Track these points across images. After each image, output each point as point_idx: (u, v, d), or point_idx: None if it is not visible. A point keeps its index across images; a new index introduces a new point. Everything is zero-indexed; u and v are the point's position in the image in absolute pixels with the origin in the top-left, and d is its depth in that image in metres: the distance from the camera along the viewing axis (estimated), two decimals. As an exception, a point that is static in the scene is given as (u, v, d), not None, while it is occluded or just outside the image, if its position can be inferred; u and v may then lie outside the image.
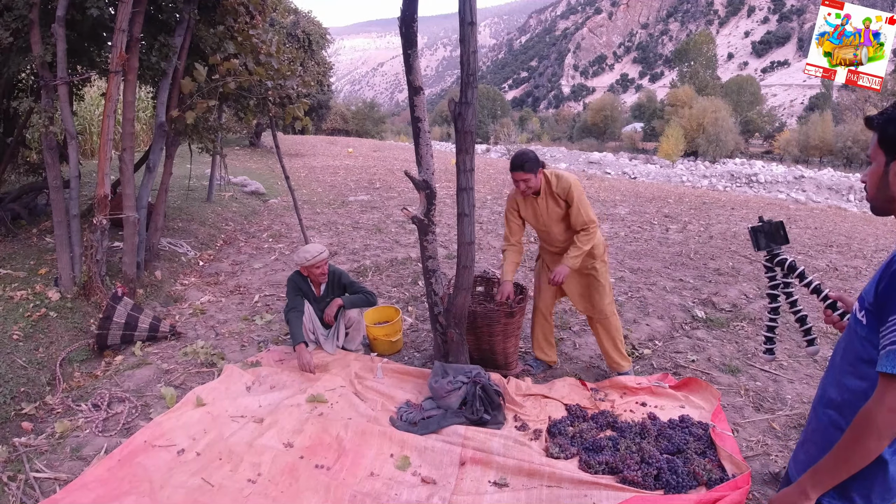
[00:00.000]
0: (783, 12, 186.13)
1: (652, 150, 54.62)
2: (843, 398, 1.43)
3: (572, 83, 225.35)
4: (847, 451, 1.30)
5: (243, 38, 6.02)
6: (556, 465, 2.90)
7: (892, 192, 1.37)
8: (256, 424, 3.24)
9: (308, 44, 22.64)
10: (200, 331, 4.70)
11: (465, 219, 3.22)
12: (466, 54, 2.98)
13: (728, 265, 7.16)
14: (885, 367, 1.22)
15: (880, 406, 1.23)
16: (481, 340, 3.77)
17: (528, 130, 79.28)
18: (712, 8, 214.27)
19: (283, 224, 8.90)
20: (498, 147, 46.10)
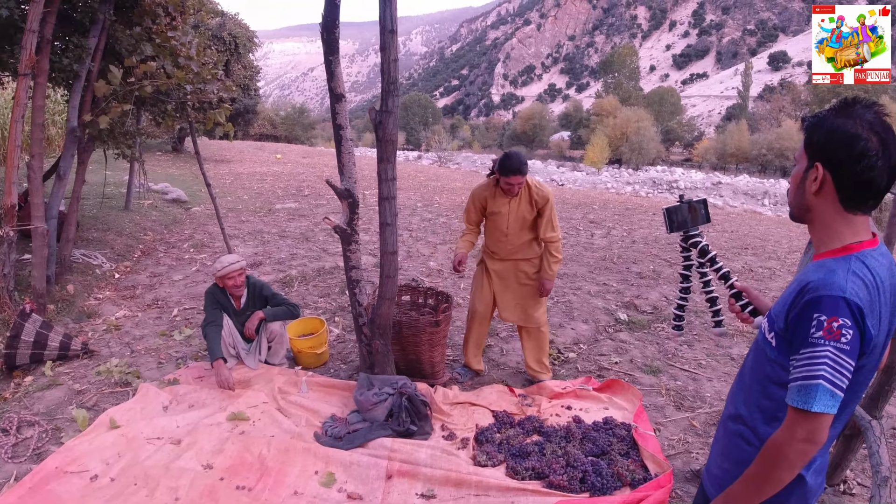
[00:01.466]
0: (703, 27, 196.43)
1: (578, 157, 56.28)
2: (751, 416, 1.43)
3: (502, 92, 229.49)
4: (759, 480, 1.31)
5: (162, 39, 5.76)
6: (483, 474, 2.90)
7: (807, 199, 1.35)
8: (174, 446, 3.08)
9: (234, 46, 22.02)
10: (115, 348, 4.44)
11: (388, 228, 3.17)
12: (387, 62, 2.94)
13: (649, 268, 7.42)
14: (795, 402, 1.23)
15: (791, 439, 1.24)
16: (407, 350, 3.73)
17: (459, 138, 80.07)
18: (636, 22, 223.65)
19: (205, 233, 8.56)
20: (429, 154, 46.29)
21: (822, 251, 1.34)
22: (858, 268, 1.25)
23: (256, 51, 24.33)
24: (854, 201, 1.29)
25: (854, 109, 1.28)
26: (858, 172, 1.24)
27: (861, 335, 1.22)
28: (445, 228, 9.71)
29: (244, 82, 23.77)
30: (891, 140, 1.24)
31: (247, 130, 32.10)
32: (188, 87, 5.99)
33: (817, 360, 1.21)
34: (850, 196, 1.28)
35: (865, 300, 1.22)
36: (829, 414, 1.20)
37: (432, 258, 7.54)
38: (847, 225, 1.31)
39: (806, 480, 1.37)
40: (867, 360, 1.28)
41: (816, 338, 1.22)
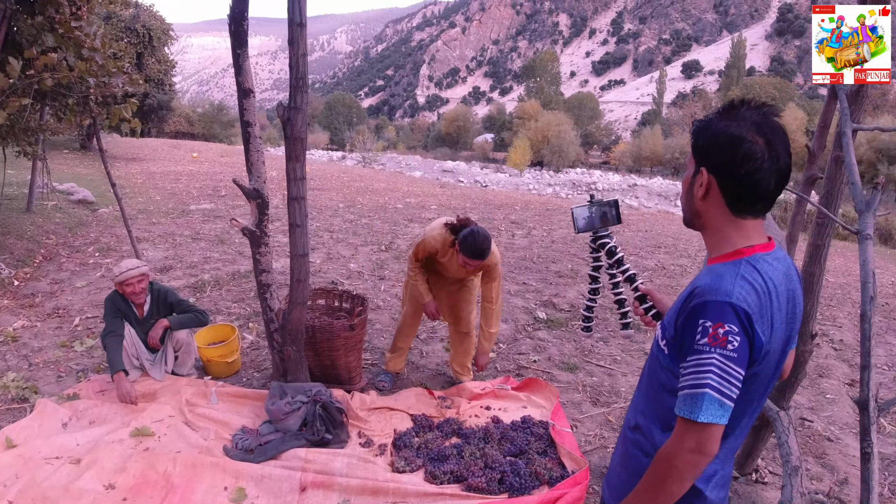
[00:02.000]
0: (621, 35, 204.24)
1: (502, 159, 57.28)
2: (648, 425, 1.37)
3: (427, 93, 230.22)
4: (650, 492, 1.25)
5: (65, 30, 5.35)
6: (400, 480, 2.84)
7: (695, 205, 1.31)
8: (73, 465, 2.87)
9: (148, 39, 21.01)
10: (12, 361, 4.08)
11: (298, 230, 3.05)
12: (296, 57, 2.83)
13: (568, 267, 7.59)
14: (682, 412, 1.18)
15: (679, 450, 1.18)
16: (322, 356, 3.61)
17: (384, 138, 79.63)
18: (557, 29, 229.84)
19: (112, 236, 8.03)
20: (354, 154, 45.78)
21: (714, 256, 1.30)
22: (748, 272, 1.20)
23: (172, 44, 23.31)
24: (742, 205, 1.25)
25: (740, 111, 1.24)
26: (743, 176, 1.20)
27: (750, 342, 1.17)
28: (367, 230, 9.58)
29: (158, 77, 22.73)
30: (778, 142, 1.20)
31: (161, 128, 30.63)
32: (91, 80, 5.60)
33: (703, 369, 1.15)
34: (736, 200, 1.24)
35: (754, 305, 1.17)
36: (717, 424, 1.15)
37: (353, 260, 7.41)
38: (737, 229, 1.27)
39: (705, 494, 1.31)
40: (760, 368, 1.23)
41: (702, 345, 1.16)
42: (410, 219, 11.12)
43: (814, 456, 3.53)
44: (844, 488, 3.19)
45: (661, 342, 1.34)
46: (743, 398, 1.23)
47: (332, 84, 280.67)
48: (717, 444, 1.18)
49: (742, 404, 1.25)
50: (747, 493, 3.08)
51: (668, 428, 1.30)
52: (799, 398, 4.29)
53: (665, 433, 1.31)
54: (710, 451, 1.17)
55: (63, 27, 5.37)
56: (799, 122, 43.74)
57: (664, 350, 1.31)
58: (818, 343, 5.56)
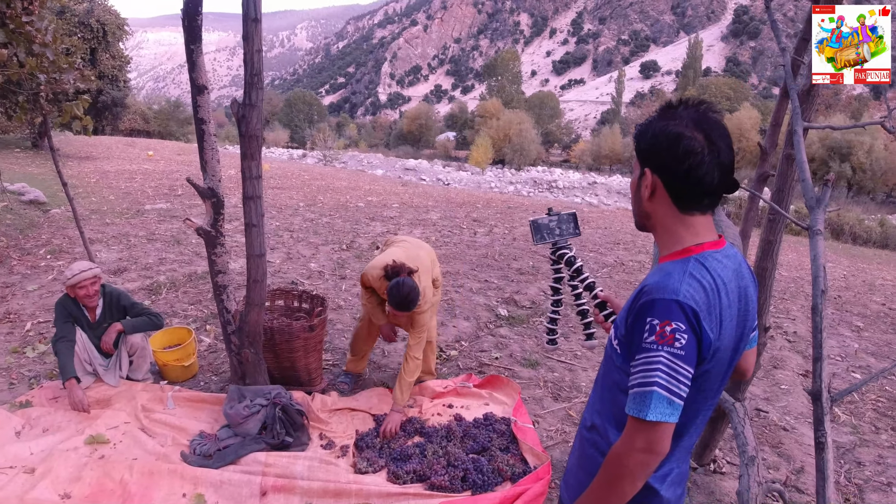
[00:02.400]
0: (580, 35, 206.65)
1: (464, 157, 57.34)
2: (603, 425, 1.37)
3: (389, 91, 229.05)
4: (603, 493, 1.25)
5: (16, 25, 5.13)
6: (363, 482, 2.83)
7: (644, 206, 1.32)
8: (28, 475, 2.79)
9: (102, 34, 20.35)
10: (-38, 369, 3.90)
11: (254, 229, 2.99)
12: (250, 53, 2.78)
13: (529, 265, 7.66)
14: (631, 411, 1.18)
15: (629, 449, 1.18)
16: (281, 358, 3.55)
17: (345, 136, 78.82)
18: (518, 28, 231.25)
19: (64, 238, 7.74)
20: (314, 152, 45.22)
21: (664, 254, 1.30)
22: (696, 269, 1.20)
23: (127, 40, 22.63)
24: (688, 202, 1.25)
25: (677, 111, 1.25)
26: (685, 172, 1.21)
27: (698, 340, 1.17)
28: (328, 229, 9.48)
29: (112, 73, 22.06)
30: (717, 135, 1.21)
31: (116, 125, 29.67)
32: (42, 76, 5.40)
33: (651, 367, 1.16)
34: (682, 197, 1.25)
35: (702, 303, 1.17)
36: (667, 423, 1.15)
37: (313, 259, 7.32)
38: (685, 227, 1.27)
39: (660, 493, 1.32)
40: (710, 366, 1.24)
41: (650, 343, 1.16)
42: (372, 217, 11.05)
43: (770, 445, 3.63)
44: (801, 476, 3.29)
45: (613, 342, 1.34)
46: (695, 396, 1.24)
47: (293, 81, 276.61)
48: (668, 443, 1.18)
49: (695, 403, 1.26)
50: (705, 483, 3.16)
51: (622, 427, 1.29)
52: (754, 389, 4.42)
53: (620, 432, 1.30)
54: (660, 449, 1.17)
55: (14, 22, 5.15)
56: (753, 122, 45.04)
57: (617, 349, 1.32)
58: (772, 335, 5.74)
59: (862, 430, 3.93)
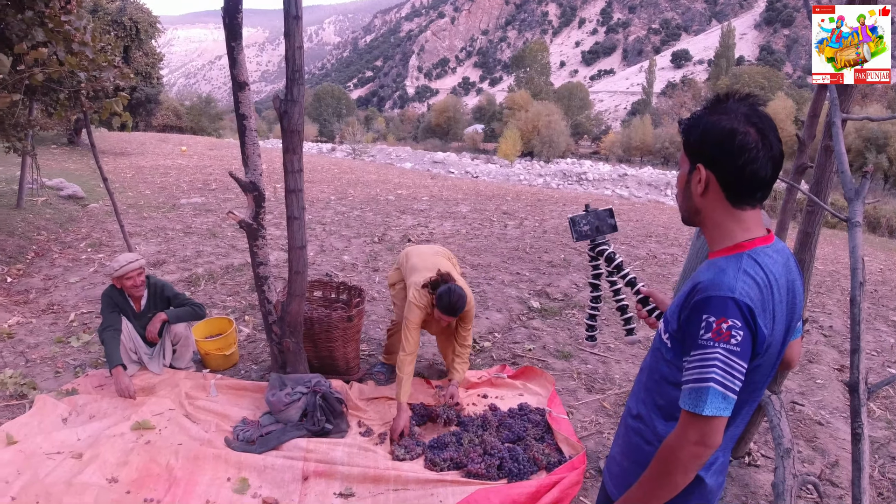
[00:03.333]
0: (610, 25, 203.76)
1: (492, 150, 57.23)
2: (649, 415, 1.40)
3: (416, 84, 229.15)
4: (655, 484, 1.28)
5: (55, 24, 5.30)
6: (401, 468, 2.88)
7: (694, 202, 1.32)
8: (75, 460, 2.88)
9: (135, 32, 20.89)
10: (8, 358, 4.07)
11: (296, 222, 3.07)
12: (292, 49, 2.84)
13: (560, 257, 7.65)
14: (686, 405, 1.20)
15: (684, 442, 1.21)
16: (320, 347, 3.64)
17: (373, 130, 79.31)
18: (547, 18, 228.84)
19: (104, 231, 8.00)
20: (343, 146, 45.55)
21: (715, 250, 1.31)
22: (750, 266, 1.21)
23: (159, 37, 23.16)
24: (741, 196, 1.26)
25: (727, 105, 1.26)
26: (741, 167, 1.21)
27: (753, 336, 1.19)
28: (359, 222, 9.59)
29: (146, 70, 22.61)
30: (768, 129, 1.22)
31: (149, 121, 30.43)
32: (82, 74, 5.57)
33: (708, 363, 1.18)
34: (736, 192, 1.26)
35: (757, 300, 1.19)
36: (721, 417, 1.18)
37: (346, 252, 7.43)
38: (737, 222, 1.28)
39: (705, 481, 1.35)
40: (762, 360, 1.26)
41: (706, 339, 1.18)
42: (402, 210, 11.13)
43: (805, 439, 3.59)
44: (835, 470, 3.26)
45: (663, 336, 1.36)
46: (745, 388, 1.26)
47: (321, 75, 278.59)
48: (721, 436, 1.21)
49: (744, 394, 1.28)
50: (740, 476, 3.14)
51: (669, 418, 1.34)
52: (790, 383, 4.36)
53: (667, 423, 1.34)
54: (713, 442, 1.20)
55: (53, 21, 5.31)
56: (788, 111, 44.00)
57: (667, 343, 1.33)
58: (808, 329, 5.65)
59: (897, 426, 3.87)
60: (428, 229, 9.27)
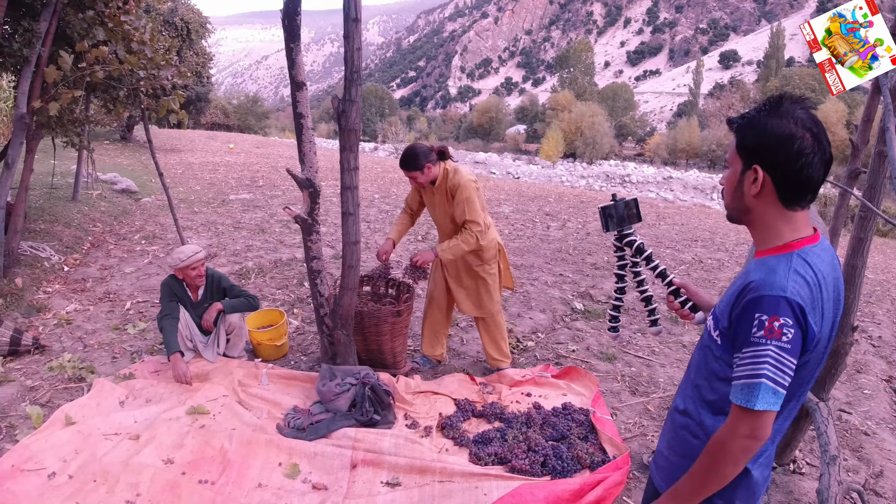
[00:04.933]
0: (656, 25, 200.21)
1: (534, 151, 56.92)
2: (697, 410, 1.44)
3: (459, 84, 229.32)
4: (704, 476, 1.32)
5: (114, 24, 5.55)
6: (446, 461, 2.93)
7: (746, 202, 1.35)
8: (132, 441, 3.01)
9: (186, 32, 21.51)
10: (67, 343, 4.28)
11: (350, 217, 3.16)
12: (351, 51, 2.93)
13: (603, 259, 7.60)
14: (738, 400, 1.24)
15: (734, 435, 1.25)
16: (369, 341, 3.73)
17: (415, 130, 79.73)
18: (591, 18, 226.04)
19: (156, 224, 8.31)
20: (386, 146, 45.99)
21: (764, 249, 1.35)
22: (800, 266, 1.25)
23: (209, 37, 23.77)
24: (795, 198, 1.30)
25: (785, 108, 1.28)
26: (798, 170, 1.25)
27: (803, 333, 1.23)
28: (404, 220, 9.70)
29: (196, 69, 23.27)
30: (822, 134, 1.26)
31: (198, 119, 31.30)
32: (141, 72, 5.80)
33: (760, 359, 1.22)
34: (790, 194, 1.29)
35: (807, 299, 1.23)
36: (771, 411, 1.22)
37: (391, 250, 7.53)
38: (787, 222, 1.32)
39: (752, 474, 1.39)
40: (811, 356, 1.30)
41: (758, 337, 1.22)
42: (445, 210, 11.20)
43: (850, 449, 3.53)
44: (880, 481, 3.20)
45: (713, 333, 1.40)
46: (793, 383, 1.30)
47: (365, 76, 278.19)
48: (770, 429, 1.25)
49: (792, 389, 1.32)
50: (784, 483, 3.10)
51: (718, 412, 1.38)
52: (836, 393, 4.27)
53: (715, 417, 1.39)
54: (763, 436, 1.24)
55: (112, 21, 5.55)
56: (840, 115, 42.57)
57: (717, 341, 1.38)
58: (857, 339, 5.49)
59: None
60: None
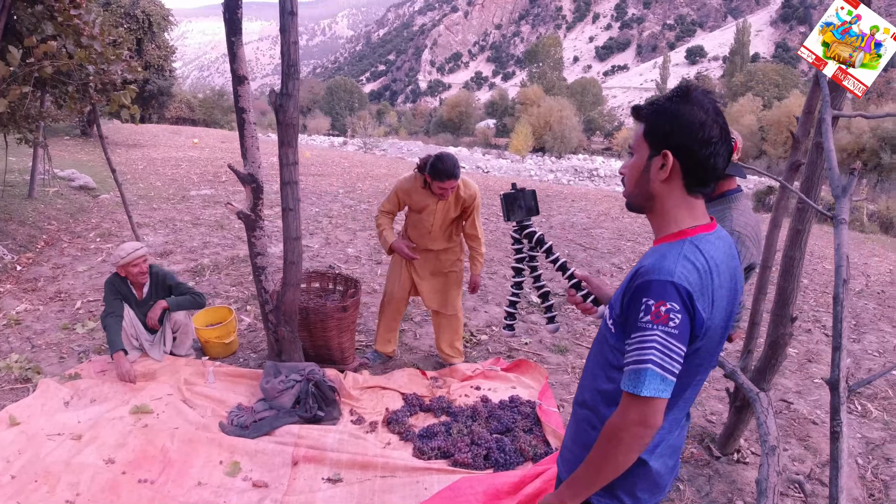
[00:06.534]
0: (624, 20, 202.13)
1: (504, 145, 57.13)
2: (594, 400, 1.43)
3: (429, 79, 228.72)
4: (598, 464, 1.32)
5: (64, 18, 5.40)
6: (389, 456, 2.94)
7: (652, 188, 1.34)
8: (75, 441, 2.99)
9: (148, 25, 21.00)
10: (15, 343, 4.19)
11: (291, 213, 3.13)
12: (287, 45, 2.90)
13: (564, 253, 7.68)
14: (626, 387, 1.23)
15: (624, 423, 1.24)
16: (315, 336, 3.71)
17: (385, 124, 79.41)
18: (561, 13, 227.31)
19: (113, 222, 8.11)
20: (355, 140, 45.65)
21: (659, 237, 1.36)
22: (691, 252, 1.25)
23: (172, 30, 23.26)
24: (700, 184, 1.31)
25: (695, 96, 1.29)
26: (706, 158, 1.26)
27: (691, 319, 1.22)
28: (366, 215, 9.66)
29: (159, 63, 22.78)
30: (726, 125, 1.29)
31: (162, 114, 30.63)
32: (90, 67, 5.67)
33: (646, 345, 1.21)
34: (696, 180, 1.31)
35: (696, 284, 1.22)
36: (660, 398, 1.21)
37: (351, 245, 7.50)
38: (688, 209, 1.33)
39: (649, 464, 1.38)
40: (702, 343, 1.29)
41: (645, 322, 1.21)
42: (409, 204, 11.17)
43: (797, 438, 3.60)
44: (825, 469, 3.25)
45: (608, 321, 1.40)
46: (686, 371, 1.30)
47: (334, 69, 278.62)
48: (661, 417, 1.24)
49: (685, 377, 1.31)
50: (728, 472, 3.16)
51: (612, 402, 1.36)
52: (787, 382, 4.37)
53: (610, 407, 1.37)
54: (653, 423, 1.23)
55: (62, 15, 5.40)
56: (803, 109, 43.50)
57: (611, 329, 1.37)
58: (809, 329, 5.64)
59: (894, 427, 3.85)
60: (433, 223, 9.31)
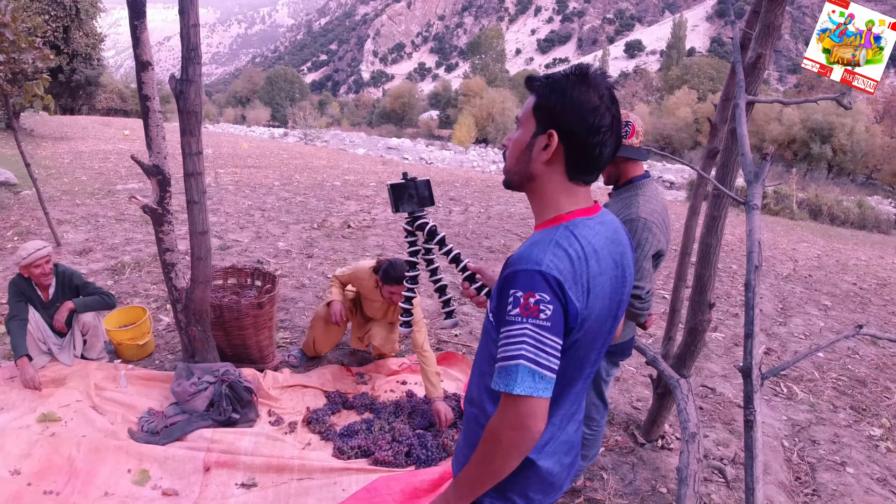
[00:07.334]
0: (566, 14, 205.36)
1: (447, 136, 57.15)
2: (480, 398, 1.32)
3: (372, 69, 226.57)
4: (480, 467, 1.20)
5: (-29, 6, 5.03)
6: (307, 457, 2.86)
7: (532, 168, 1.23)
8: (-22, 452, 2.79)
9: (75, 12, 19.91)
10: (-83, 353, 3.86)
11: (196, 206, 2.98)
12: (186, 27, 2.74)
13: (500, 243, 7.70)
14: (498, 385, 1.12)
15: (501, 425, 1.14)
16: (231, 335, 3.55)
17: (327, 115, 78.12)
18: (503, 5, 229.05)
19: (33, 219, 7.63)
20: (295, 131, 44.72)
21: (539, 222, 1.26)
22: (564, 238, 1.15)
23: (101, 17, 22.18)
24: (582, 172, 1.21)
25: (593, 79, 1.18)
26: (592, 146, 1.17)
27: (564, 309, 1.11)
28: (301, 208, 9.43)
29: (86, 51, 21.68)
30: (618, 115, 1.19)
31: (92, 104, 29.23)
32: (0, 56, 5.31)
33: (516, 340, 1.10)
34: (579, 167, 1.20)
35: (567, 272, 1.11)
36: (536, 397, 1.10)
37: (282, 238, 7.29)
38: (568, 195, 1.23)
39: (538, 465, 1.28)
40: (580, 335, 1.18)
41: (514, 315, 1.11)
42: (347, 196, 11.01)
43: (723, 422, 3.67)
44: (750, 453, 3.35)
45: (489, 314, 1.28)
46: (570, 365, 1.21)
47: (274, 58, 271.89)
48: (542, 419, 1.13)
49: (570, 371, 1.23)
50: (651, 459, 3.20)
51: (497, 401, 1.23)
52: (713, 366, 4.49)
53: (495, 405, 1.25)
54: (531, 425, 1.12)
55: (-31, 4, 5.05)
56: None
57: (492, 321, 1.26)
58: (737, 314, 5.83)
59: (820, 409, 3.97)
60: (370, 215, 9.19)
